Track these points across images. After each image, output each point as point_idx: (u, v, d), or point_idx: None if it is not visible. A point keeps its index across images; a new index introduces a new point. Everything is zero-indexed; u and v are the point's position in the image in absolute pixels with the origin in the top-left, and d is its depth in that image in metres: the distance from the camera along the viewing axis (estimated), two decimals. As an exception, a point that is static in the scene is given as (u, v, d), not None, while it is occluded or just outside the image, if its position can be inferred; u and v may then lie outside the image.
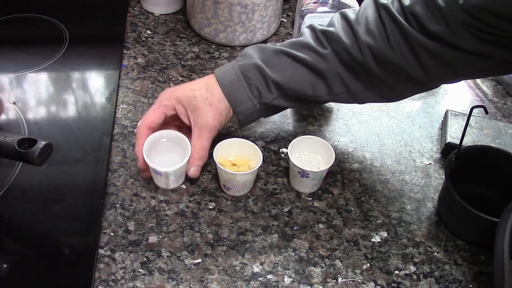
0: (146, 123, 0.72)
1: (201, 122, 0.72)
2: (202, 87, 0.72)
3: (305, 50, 0.71)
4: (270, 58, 0.72)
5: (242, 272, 0.66)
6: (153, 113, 0.72)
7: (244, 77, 0.71)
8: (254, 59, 0.72)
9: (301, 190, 0.75)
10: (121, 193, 0.73)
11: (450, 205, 0.72)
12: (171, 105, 0.72)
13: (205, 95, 0.71)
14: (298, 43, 0.72)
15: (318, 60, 0.70)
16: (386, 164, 0.81)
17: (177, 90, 0.73)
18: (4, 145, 0.66)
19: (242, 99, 0.72)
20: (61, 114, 0.84)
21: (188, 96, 0.72)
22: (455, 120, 0.86)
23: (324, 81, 0.72)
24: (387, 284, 0.66)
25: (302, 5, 0.84)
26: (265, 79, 0.72)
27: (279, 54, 0.72)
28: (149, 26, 1.02)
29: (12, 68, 0.89)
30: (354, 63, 0.69)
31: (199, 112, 0.71)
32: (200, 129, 0.72)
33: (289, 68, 0.71)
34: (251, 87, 0.72)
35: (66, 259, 0.65)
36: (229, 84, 0.72)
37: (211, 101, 0.71)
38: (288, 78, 0.71)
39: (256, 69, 0.71)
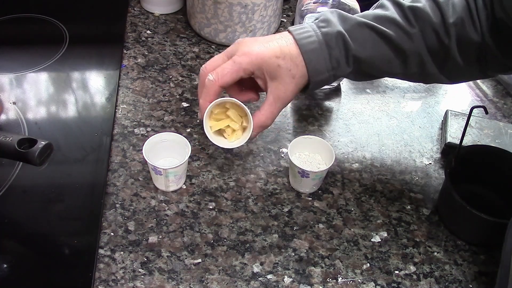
0: (221, 83, 0.67)
1: (279, 93, 0.68)
2: (287, 55, 0.67)
3: (391, 26, 0.68)
4: (354, 29, 0.68)
5: (242, 272, 0.66)
6: (230, 74, 0.67)
7: (327, 47, 0.67)
8: (338, 28, 0.67)
9: (301, 190, 0.75)
10: (121, 193, 0.73)
11: (450, 205, 0.72)
12: (250, 69, 0.67)
13: (289, 66, 0.67)
14: (384, 17, 0.68)
15: (404, 38, 0.67)
16: (386, 164, 0.81)
17: (260, 54, 0.67)
18: (4, 145, 0.66)
19: (321, 70, 0.68)
20: (61, 114, 0.84)
21: (272, 64, 0.67)
22: (455, 120, 0.86)
23: (404, 60, 0.69)
24: (387, 284, 0.66)
25: (302, 5, 0.84)
26: (346, 52, 0.68)
27: (363, 26, 0.68)
28: (149, 26, 1.02)
29: (12, 68, 0.89)
30: (438, 45, 0.67)
31: (280, 83, 0.68)
32: (276, 99, 0.68)
33: (372, 43, 0.68)
34: (332, 58, 0.68)
35: (66, 259, 0.65)
36: (311, 52, 0.67)
37: (294, 74, 0.67)
38: (369, 53, 0.68)
39: (340, 39, 0.67)
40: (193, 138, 0.81)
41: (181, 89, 0.89)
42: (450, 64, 0.69)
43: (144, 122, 0.83)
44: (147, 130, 0.82)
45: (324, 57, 0.67)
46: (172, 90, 0.89)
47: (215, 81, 0.67)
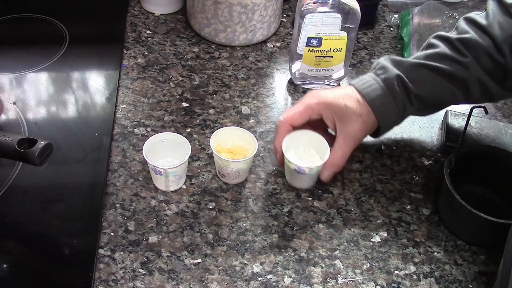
0: (290, 120, 0.72)
1: (348, 132, 0.71)
2: (352, 98, 0.71)
3: (444, 60, 0.71)
4: (410, 71, 0.72)
5: (242, 272, 0.66)
6: (300, 113, 0.72)
7: (390, 91, 0.71)
8: (395, 72, 0.71)
9: (298, 186, 0.75)
10: (121, 193, 0.73)
11: (450, 205, 0.72)
12: (318, 110, 0.72)
13: (356, 106, 0.71)
14: (435, 54, 0.72)
15: (459, 69, 0.70)
16: (386, 164, 0.81)
17: (327, 96, 0.72)
18: (4, 145, 0.66)
19: (389, 114, 0.72)
20: (61, 114, 0.84)
21: (339, 104, 0.71)
22: (455, 120, 0.86)
23: (465, 88, 0.72)
24: (387, 284, 0.66)
25: (302, 5, 0.84)
26: (407, 93, 0.72)
27: (418, 67, 0.72)
28: (149, 26, 1.02)
29: (12, 68, 0.89)
30: (495, 65, 0.70)
31: (348, 122, 0.71)
32: (346, 138, 0.72)
33: (430, 81, 0.71)
34: (397, 101, 0.72)
35: (66, 259, 0.65)
36: (377, 98, 0.71)
37: (360, 113, 0.71)
38: (429, 91, 0.72)
39: (400, 82, 0.71)
40: (193, 138, 0.81)
41: (181, 89, 0.89)
42: (510, 79, 0.71)
43: (144, 122, 0.83)
44: (147, 130, 0.82)
45: (390, 101, 0.71)
46: (172, 90, 0.89)
47: (286, 120, 0.73)
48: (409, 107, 0.73)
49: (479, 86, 0.72)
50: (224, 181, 0.75)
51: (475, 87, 0.72)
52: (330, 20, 0.83)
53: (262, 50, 0.99)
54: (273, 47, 1.00)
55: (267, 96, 0.90)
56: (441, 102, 0.75)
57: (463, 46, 0.71)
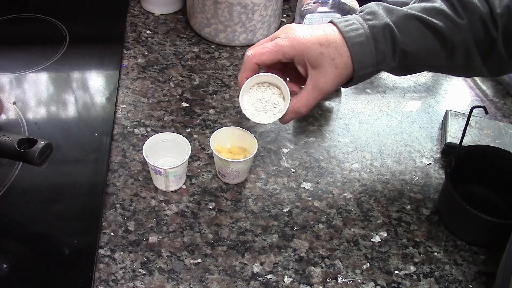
0: (257, 60, 0.66)
1: (319, 82, 0.66)
2: (331, 44, 0.64)
3: (440, 17, 0.65)
4: (401, 21, 0.65)
5: (242, 272, 0.66)
6: (269, 53, 0.66)
7: (373, 40, 0.64)
8: (385, 20, 0.65)
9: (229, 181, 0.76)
10: (121, 193, 0.73)
11: (450, 205, 0.72)
12: (291, 54, 0.65)
13: (333, 55, 0.64)
14: (433, 9, 0.65)
15: (453, 30, 0.65)
16: (386, 164, 0.81)
17: (303, 40, 0.65)
18: (4, 145, 0.66)
19: (366, 64, 0.65)
20: (61, 114, 0.84)
21: (314, 51, 0.64)
22: (455, 120, 0.86)
23: (451, 53, 0.67)
24: (387, 284, 0.66)
25: (302, 5, 0.84)
26: (394, 45, 0.65)
27: (411, 18, 0.65)
28: (149, 26, 1.02)
29: (12, 68, 0.89)
30: (486, 36, 0.66)
31: (321, 72, 0.65)
32: (315, 88, 0.66)
33: (420, 36, 0.66)
34: (378, 52, 0.65)
35: (66, 259, 0.65)
36: (358, 45, 0.64)
37: (337, 64, 0.65)
38: (416, 46, 0.66)
39: (388, 32, 0.65)
40: (193, 138, 0.81)
41: (181, 89, 0.89)
42: (494, 56, 0.67)
43: (144, 122, 0.83)
44: (147, 130, 0.82)
45: (371, 51, 0.65)
46: (172, 90, 0.89)
47: (252, 57, 0.66)
48: (389, 61, 0.66)
49: (465, 54, 0.67)
50: (224, 181, 0.76)
51: (461, 54, 0.67)
52: (330, 20, 0.83)
53: (262, 50, 0.99)
54: (273, 47, 1.00)
55: (267, 96, 0.90)
56: (423, 63, 0.68)
57: (461, 7, 0.66)
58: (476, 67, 0.69)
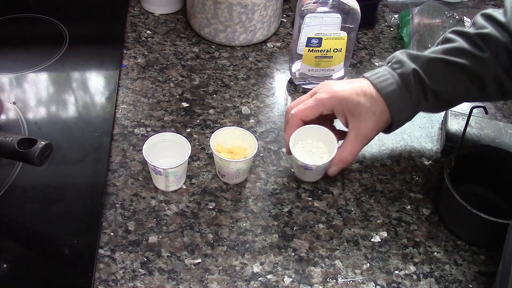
0: (301, 116, 0.71)
1: (360, 130, 0.70)
2: (367, 94, 0.69)
3: (463, 55, 0.69)
4: (427, 66, 0.70)
5: (242, 272, 0.66)
6: (311, 108, 0.71)
7: (405, 86, 0.69)
8: (412, 66, 0.70)
9: (306, 180, 0.76)
10: (121, 193, 0.73)
11: (450, 205, 0.72)
12: (330, 106, 0.71)
13: (370, 103, 0.69)
14: (454, 49, 0.70)
15: (478, 64, 0.69)
16: (386, 164, 0.81)
17: (340, 90, 0.70)
18: (4, 145, 0.66)
19: (403, 110, 0.70)
20: (61, 114, 0.84)
21: (352, 100, 0.69)
22: (455, 120, 0.86)
23: (481, 84, 0.70)
24: (387, 284, 0.66)
25: (302, 5, 0.84)
26: (423, 89, 0.70)
27: (435, 61, 0.70)
28: (149, 26, 1.02)
29: (12, 68, 0.89)
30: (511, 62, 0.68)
31: (360, 119, 0.70)
32: (357, 136, 0.71)
33: (448, 76, 0.70)
34: (412, 97, 0.70)
35: (66, 259, 0.65)
36: (392, 93, 0.69)
37: (374, 111, 0.69)
38: (445, 86, 0.70)
39: (416, 77, 0.69)
40: (193, 138, 0.81)
41: (181, 89, 0.89)
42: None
43: (144, 122, 0.83)
44: (147, 130, 0.82)
45: (405, 96, 0.69)
46: (172, 90, 0.89)
47: (296, 114, 0.72)
48: (423, 103, 0.71)
49: (496, 83, 0.70)
50: (224, 181, 0.76)
51: (492, 84, 0.70)
52: (330, 20, 0.83)
53: (262, 50, 0.99)
54: (273, 47, 1.00)
55: (267, 96, 0.90)
56: (456, 98, 0.73)
57: (482, 41, 0.69)
58: (509, 91, 0.71)
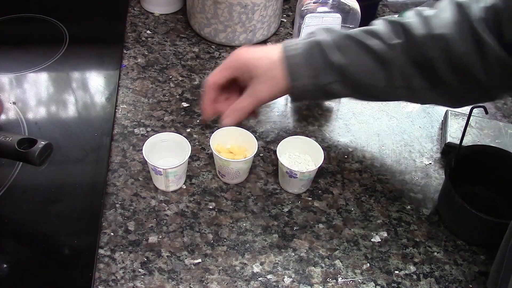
0: (212, 80, 0.76)
1: (254, 90, 0.74)
2: (269, 58, 0.72)
3: (374, 37, 0.70)
4: (336, 39, 0.71)
5: (242, 272, 0.66)
6: (219, 72, 0.76)
7: (306, 54, 0.71)
8: (320, 37, 0.71)
9: (290, 190, 0.75)
10: (121, 193, 0.73)
11: (450, 205, 0.72)
12: (234, 68, 0.75)
13: (269, 66, 0.72)
14: (369, 30, 0.71)
15: (385, 49, 0.69)
16: (386, 164, 0.81)
17: (244, 55, 0.74)
18: (4, 145, 0.66)
19: (299, 75, 0.71)
20: (61, 114, 0.84)
21: (252, 64, 0.73)
22: (455, 120, 0.86)
23: (386, 71, 0.70)
24: (387, 284, 0.66)
25: (302, 5, 0.84)
26: (325, 60, 0.70)
27: (346, 37, 0.71)
28: (149, 26, 1.02)
29: (12, 68, 0.89)
30: (423, 58, 0.68)
31: (257, 81, 0.73)
32: (249, 95, 0.74)
33: (353, 52, 0.70)
34: (311, 65, 0.71)
35: (66, 259, 0.65)
36: (291, 57, 0.71)
37: (271, 75, 0.72)
38: (349, 62, 0.70)
39: (318, 47, 0.71)
40: (193, 138, 0.81)
41: (181, 89, 0.89)
42: (441, 81, 0.68)
43: (144, 122, 0.83)
44: (147, 130, 0.82)
45: (304, 63, 0.71)
46: (172, 90, 0.89)
47: (208, 79, 0.77)
48: (323, 75, 0.71)
49: (402, 74, 0.69)
50: (224, 181, 0.76)
51: (397, 74, 0.70)
52: (330, 20, 0.83)
53: (262, 50, 0.99)
54: (273, 47, 1.00)
55: (267, 96, 0.90)
56: (362, 81, 0.71)
57: (398, 29, 0.69)
58: (420, 89, 0.70)
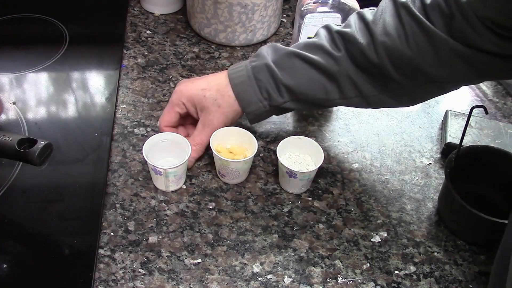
0: (164, 124, 0.76)
1: (206, 121, 0.75)
2: (213, 87, 0.73)
3: (318, 52, 0.70)
4: (282, 60, 0.71)
5: (242, 272, 0.66)
6: (168, 114, 0.76)
7: (255, 79, 0.72)
8: (266, 60, 0.72)
9: (290, 190, 0.75)
10: (121, 193, 0.73)
11: (450, 205, 0.72)
12: (181, 104, 0.75)
13: (215, 96, 0.73)
14: (313, 44, 0.71)
15: (330, 62, 0.69)
16: (386, 164, 0.81)
17: (188, 89, 0.75)
18: (4, 145, 0.66)
19: (251, 101, 0.73)
20: (61, 114, 0.84)
21: (198, 96, 0.74)
22: (455, 120, 0.86)
23: (336, 85, 0.71)
24: (387, 284, 0.66)
25: (302, 5, 0.84)
26: (275, 82, 0.72)
27: (291, 56, 0.71)
28: (149, 26, 1.02)
29: (12, 68, 0.89)
30: (370, 65, 0.68)
31: (207, 112, 0.74)
32: (203, 126, 0.75)
33: (301, 71, 0.71)
34: (261, 89, 0.72)
35: (66, 259, 0.65)
36: (240, 84, 0.72)
37: (219, 104, 0.73)
38: (299, 81, 0.71)
39: (267, 70, 0.71)
40: (193, 138, 0.81)
41: (181, 89, 0.89)
42: (392, 84, 0.69)
43: (144, 122, 0.83)
44: (147, 130, 0.82)
45: (253, 88, 0.72)
46: (172, 90, 0.89)
47: (160, 125, 0.77)
48: (275, 96, 0.72)
49: (351, 84, 0.70)
50: (224, 181, 0.76)
51: (347, 85, 0.70)
52: (330, 20, 0.83)
53: (262, 50, 0.99)
54: (273, 47, 1.00)
55: (267, 96, 0.90)
56: (316, 97, 0.72)
57: (340, 40, 0.69)
58: (372, 96, 0.71)
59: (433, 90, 0.71)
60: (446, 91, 0.72)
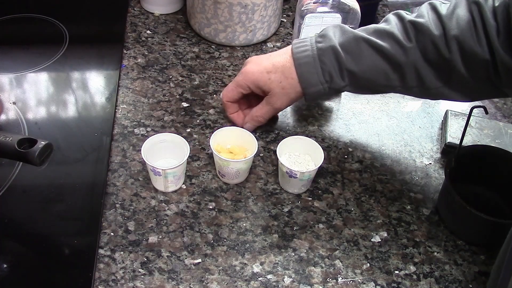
0: (226, 98, 0.80)
1: (270, 100, 0.77)
2: (278, 69, 0.75)
3: (388, 39, 0.70)
4: (350, 43, 0.71)
5: (242, 272, 0.66)
6: (232, 91, 0.79)
7: (320, 61, 0.72)
8: (333, 42, 0.72)
9: (290, 190, 0.75)
10: (121, 193, 0.73)
11: (450, 205, 0.72)
12: (246, 86, 0.77)
13: (280, 78, 0.75)
14: (383, 31, 0.70)
15: (399, 52, 0.69)
16: (386, 164, 0.81)
17: (253, 72, 0.76)
18: (4, 145, 0.66)
19: (312, 83, 0.73)
20: (61, 114, 0.84)
21: (263, 79, 0.75)
22: (455, 120, 0.86)
23: (400, 74, 0.71)
24: (387, 284, 0.66)
25: (302, 5, 0.84)
26: (339, 66, 0.72)
27: (360, 41, 0.71)
28: (149, 26, 1.02)
29: (12, 68, 0.89)
30: (439, 57, 0.68)
31: (271, 93, 0.76)
32: (268, 104, 0.78)
33: (367, 57, 0.71)
34: (324, 72, 0.72)
35: (66, 259, 0.65)
36: (304, 65, 0.73)
37: (283, 86, 0.75)
38: (363, 68, 0.71)
39: (333, 54, 0.71)
40: (193, 138, 0.81)
41: (181, 89, 0.89)
42: (456, 78, 0.69)
43: (144, 122, 0.83)
44: (147, 130, 0.82)
45: (317, 71, 0.72)
46: (172, 90, 0.89)
47: (222, 98, 0.81)
48: (337, 80, 0.73)
49: (416, 75, 0.70)
50: (224, 181, 0.76)
51: (411, 75, 0.70)
52: (330, 20, 0.83)
53: (262, 50, 0.99)
54: (273, 47, 1.00)
55: (267, 96, 0.90)
56: (376, 83, 0.73)
57: (413, 30, 0.69)
58: (434, 88, 0.71)
59: (492, 91, 0.71)
60: (504, 95, 0.72)
